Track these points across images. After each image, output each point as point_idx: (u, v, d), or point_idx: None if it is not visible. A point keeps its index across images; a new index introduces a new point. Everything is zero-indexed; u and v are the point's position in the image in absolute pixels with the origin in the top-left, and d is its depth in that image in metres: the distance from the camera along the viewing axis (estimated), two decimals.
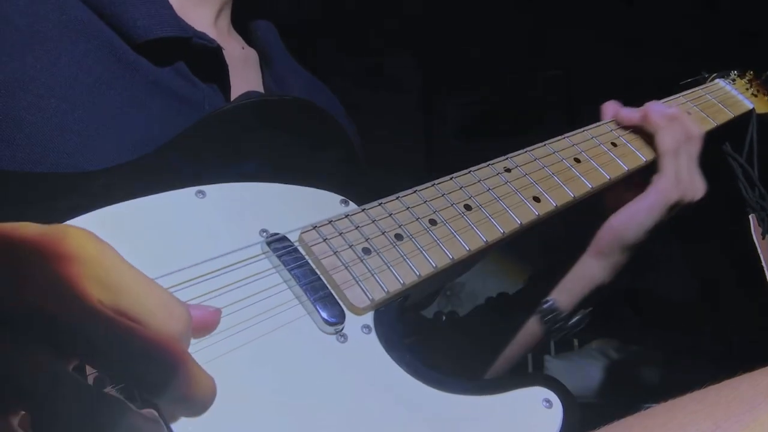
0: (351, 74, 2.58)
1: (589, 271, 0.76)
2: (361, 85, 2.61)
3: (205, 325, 0.37)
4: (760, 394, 0.46)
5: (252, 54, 0.76)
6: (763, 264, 0.90)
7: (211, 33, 0.70)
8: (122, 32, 0.59)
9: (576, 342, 2.12)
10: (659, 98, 0.85)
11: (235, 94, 0.66)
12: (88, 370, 0.37)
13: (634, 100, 0.86)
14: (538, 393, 0.51)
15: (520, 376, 0.55)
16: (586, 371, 1.82)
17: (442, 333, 0.81)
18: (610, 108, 0.79)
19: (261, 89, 0.74)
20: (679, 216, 0.75)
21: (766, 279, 0.88)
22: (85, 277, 0.31)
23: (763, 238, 0.91)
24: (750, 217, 0.91)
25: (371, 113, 2.52)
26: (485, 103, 2.61)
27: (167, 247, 0.48)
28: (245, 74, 0.73)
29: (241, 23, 0.77)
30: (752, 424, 0.44)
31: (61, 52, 0.56)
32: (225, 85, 0.66)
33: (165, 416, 0.36)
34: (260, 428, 0.43)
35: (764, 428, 0.44)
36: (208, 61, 0.64)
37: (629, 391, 1.73)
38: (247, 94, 0.61)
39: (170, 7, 0.62)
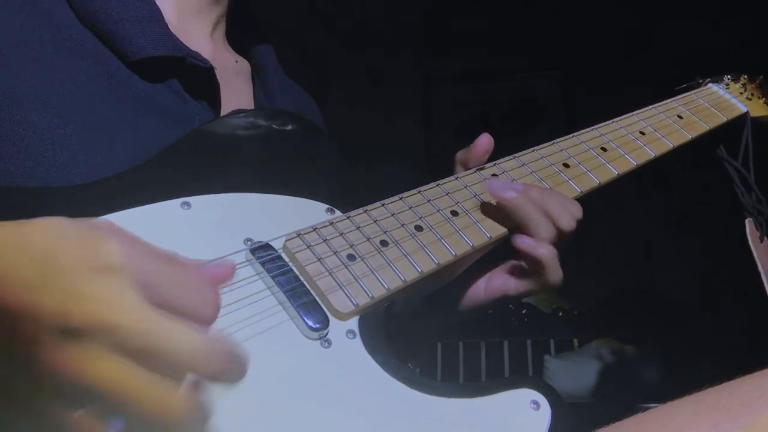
0: (352, 75, 2.59)
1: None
2: (361, 85, 2.61)
3: (224, 279, 0.41)
4: (761, 396, 0.45)
5: (245, 66, 0.77)
6: (760, 268, 0.90)
7: (207, 44, 0.72)
8: (117, 50, 0.60)
9: (576, 342, 2.12)
10: (658, 100, 0.85)
11: (225, 109, 0.67)
12: None
13: (633, 99, 0.86)
14: (526, 395, 0.51)
15: (508, 378, 0.55)
16: (586, 371, 1.82)
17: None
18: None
19: (251, 102, 0.75)
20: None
21: (762, 282, 0.88)
22: (129, 285, 0.35)
23: (761, 242, 0.91)
24: (746, 221, 0.91)
25: (371, 114, 2.53)
26: (485, 103, 2.61)
27: None
28: (237, 88, 0.74)
29: (235, 35, 0.78)
30: (752, 426, 0.44)
31: (56, 69, 0.57)
32: (216, 102, 0.67)
33: None
34: None
35: (764, 430, 0.44)
36: (200, 79, 0.65)
37: (628, 392, 1.73)
38: (236, 112, 0.62)
39: (165, 26, 0.63)
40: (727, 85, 0.90)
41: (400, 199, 0.62)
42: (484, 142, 0.69)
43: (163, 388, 0.34)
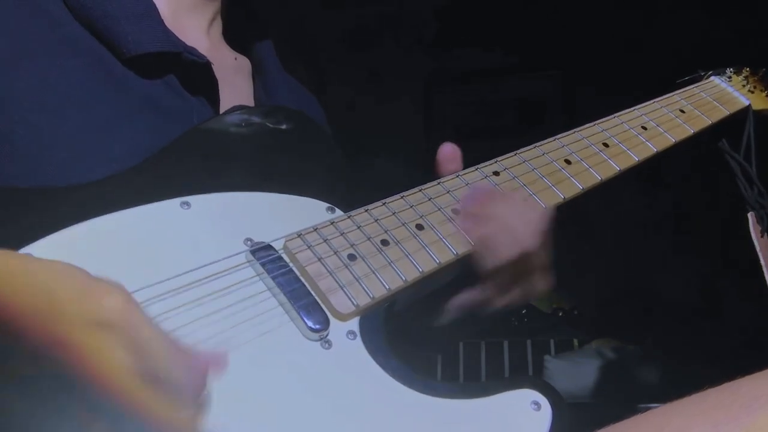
0: (352, 75, 2.59)
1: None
2: (361, 85, 2.61)
3: (217, 368, 0.40)
4: (761, 397, 0.45)
5: (245, 63, 0.77)
6: (762, 262, 0.89)
7: (204, 41, 0.71)
8: (113, 46, 0.60)
9: (576, 342, 2.11)
10: (660, 93, 0.84)
11: (224, 106, 0.67)
12: None
13: (633, 99, 0.85)
14: (527, 395, 0.51)
15: (508, 378, 0.54)
16: (586, 371, 1.82)
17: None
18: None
19: (251, 99, 0.75)
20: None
21: (765, 277, 0.88)
22: (120, 345, 0.34)
23: (762, 236, 0.91)
24: (749, 215, 0.90)
25: (372, 113, 2.53)
26: (485, 103, 2.61)
27: (152, 257, 0.48)
28: (236, 84, 0.73)
29: (236, 33, 0.78)
30: (752, 427, 0.44)
31: (52, 68, 0.57)
32: (214, 98, 0.66)
33: None
34: None
35: (764, 431, 0.43)
36: (198, 75, 0.65)
37: (628, 392, 1.73)
38: (235, 108, 0.62)
39: (161, 22, 0.63)
40: (730, 77, 0.90)
41: (401, 197, 0.61)
42: (447, 150, 0.67)
43: None
